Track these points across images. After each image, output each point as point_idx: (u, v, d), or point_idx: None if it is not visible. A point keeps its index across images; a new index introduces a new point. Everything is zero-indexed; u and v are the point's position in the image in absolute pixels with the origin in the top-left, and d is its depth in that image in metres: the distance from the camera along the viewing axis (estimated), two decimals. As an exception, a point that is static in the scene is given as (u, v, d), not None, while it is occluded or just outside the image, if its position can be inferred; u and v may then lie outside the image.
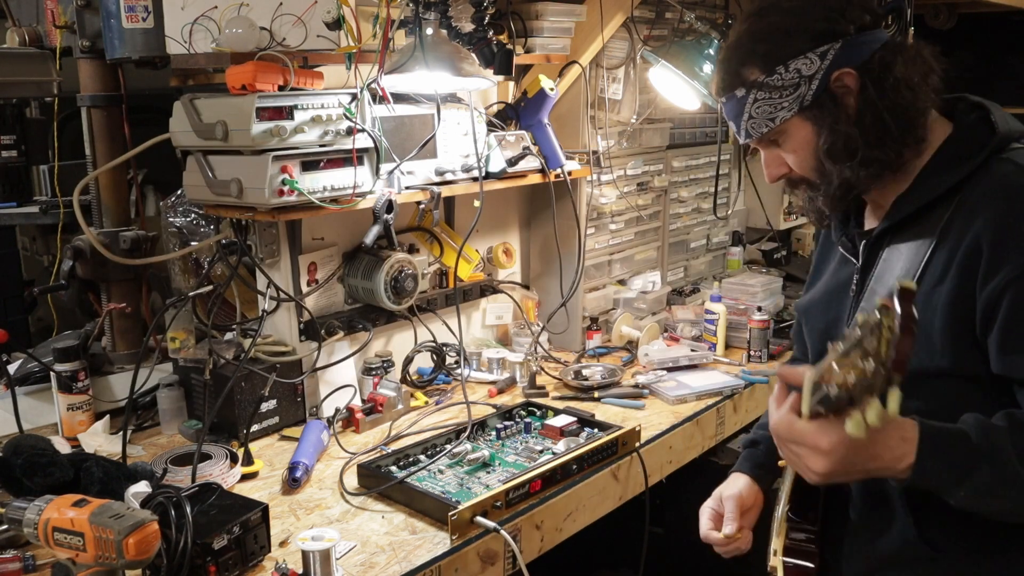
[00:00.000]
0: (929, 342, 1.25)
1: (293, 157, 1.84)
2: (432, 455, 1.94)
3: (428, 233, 2.44)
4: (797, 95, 1.31)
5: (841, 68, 1.30)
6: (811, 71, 1.30)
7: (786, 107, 1.33)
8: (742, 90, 1.35)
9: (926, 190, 1.31)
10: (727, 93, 1.38)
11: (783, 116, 1.33)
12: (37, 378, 2.30)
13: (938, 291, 1.25)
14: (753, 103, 1.34)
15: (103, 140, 2.20)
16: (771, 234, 3.67)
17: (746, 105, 1.35)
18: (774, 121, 1.34)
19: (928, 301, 1.25)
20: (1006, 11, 3.40)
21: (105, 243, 2.17)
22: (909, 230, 1.33)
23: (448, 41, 2.04)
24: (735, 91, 1.36)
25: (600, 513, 1.97)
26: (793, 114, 1.33)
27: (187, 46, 1.88)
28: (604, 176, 2.75)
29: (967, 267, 1.22)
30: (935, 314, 1.24)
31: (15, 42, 2.24)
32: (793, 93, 1.31)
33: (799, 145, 1.36)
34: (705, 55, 2.70)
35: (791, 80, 1.31)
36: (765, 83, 1.32)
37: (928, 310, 1.25)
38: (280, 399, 2.11)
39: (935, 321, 1.24)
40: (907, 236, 1.33)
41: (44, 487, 1.57)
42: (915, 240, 1.31)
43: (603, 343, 2.74)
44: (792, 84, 1.31)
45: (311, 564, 1.47)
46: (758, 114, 1.35)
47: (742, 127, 1.38)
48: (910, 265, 1.29)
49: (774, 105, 1.33)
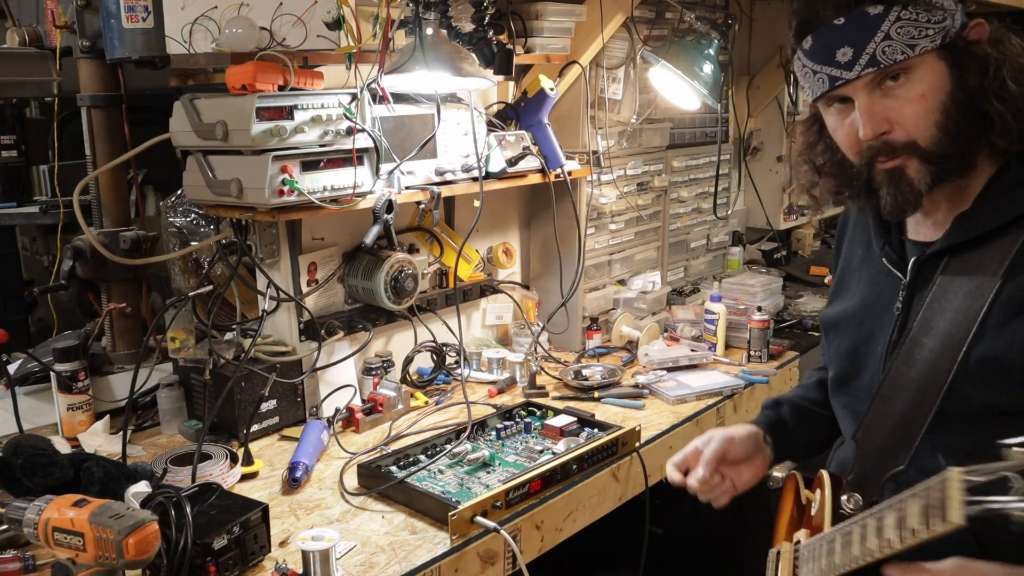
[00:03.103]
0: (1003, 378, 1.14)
1: (293, 157, 1.84)
2: (432, 455, 1.94)
3: (428, 233, 2.44)
4: (944, 26, 1.14)
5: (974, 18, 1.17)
6: (952, 8, 1.16)
7: (931, 36, 1.14)
8: (878, 7, 1.14)
9: (996, 211, 1.18)
10: (853, 10, 1.15)
11: (924, 46, 1.14)
12: (37, 378, 2.30)
13: (1019, 321, 1.13)
14: (895, 21, 1.13)
15: (103, 140, 2.20)
16: (771, 234, 3.68)
17: (884, 24, 1.14)
18: (914, 49, 1.14)
19: (1004, 330, 1.14)
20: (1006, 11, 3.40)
21: (105, 243, 2.17)
22: (971, 252, 1.19)
23: (448, 41, 2.04)
24: (865, 7, 1.15)
25: (600, 513, 1.97)
26: (935, 47, 1.15)
27: (187, 46, 1.88)
28: (604, 176, 2.75)
29: None
30: (1013, 347, 1.13)
31: (15, 42, 2.23)
32: (941, 22, 1.14)
33: (929, 89, 1.16)
34: (705, 55, 2.70)
35: (938, 5, 1.14)
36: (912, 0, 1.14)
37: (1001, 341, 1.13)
38: (280, 399, 2.11)
39: (1013, 355, 1.13)
40: (969, 259, 1.19)
41: (44, 487, 1.57)
42: (980, 265, 1.17)
43: (603, 343, 2.75)
44: (940, 10, 1.14)
45: (311, 564, 1.47)
46: (898, 36, 1.13)
47: (868, 52, 1.14)
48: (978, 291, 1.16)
49: (919, 29, 1.13)
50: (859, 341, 1.35)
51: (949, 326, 1.18)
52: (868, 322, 1.34)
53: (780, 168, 3.59)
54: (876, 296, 1.34)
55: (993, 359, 1.13)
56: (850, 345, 1.37)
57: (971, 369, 1.15)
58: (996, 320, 1.14)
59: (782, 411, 1.57)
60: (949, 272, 1.21)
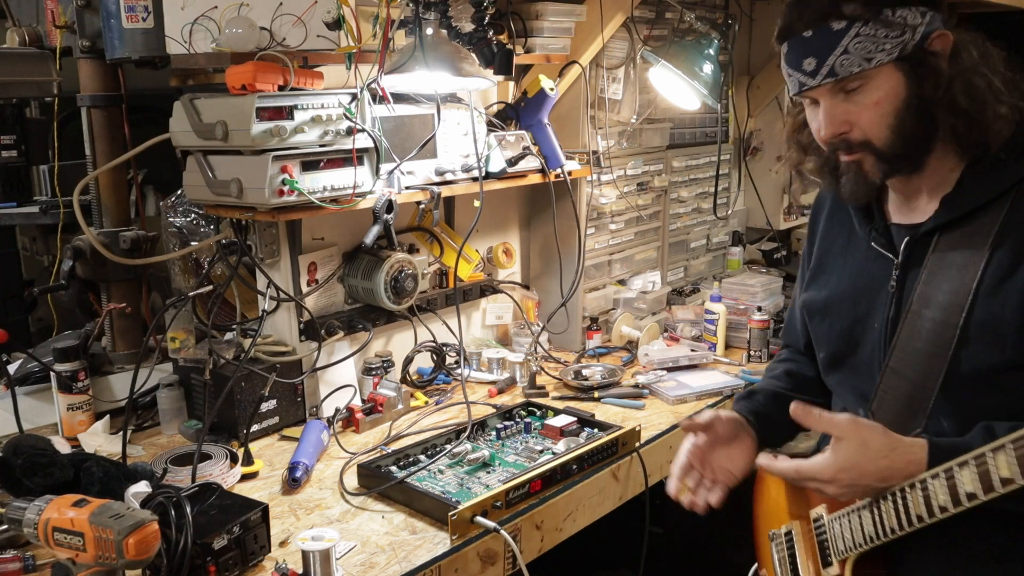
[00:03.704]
0: (999, 337, 1.24)
1: (293, 157, 1.84)
2: (432, 455, 1.94)
3: (428, 233, 2.44)
4: (901, 40, 1.25)
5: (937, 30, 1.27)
6: (915, 23, 1.26)
7: (887, 50, 1.25)
8: (841, 23, 1.25)
9: (979, 190, 1.29)
10: (819, 25, 1.27)
11: (880, 59, 1.26)
12: (37, 378, 2.30)
13: (1009, 288, 1.24)
14: (854, 37, 1.25)
15: (103, 140, 2.20)
16: (771, 234, 3.67)
17: (844, 39, 1.25)
18: (870, 62, 1.26)
19: (995, 296, 1.25)
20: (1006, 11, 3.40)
21: (105, 243, 2.17)
22: (959, 228, 1.30)
23: (448, 41, 2.04)
24: (830, 23, 1.26)
25: (600, 513, 1.97)
26: (891, 59, 1.26)
27: (187, 46, 1.88)
28: (604, 176, 2.75)
29: None
30: (1005, 309, 1.24)
31: (15, 42, 2.24)
32: (899, 37, 1.25)
33: (884, 97, 1.27)
34: (705, 55, 2.70)
35: (898, 23, 1.25)
36: (874, 18, 1.25)
37: (994, 306, 1.25)
38: (280, 399, 2.11)
39: (1005, 316, 1.24)
40: (959, 236, 1.30)
41: (44, 487, 1.57)
42: (968, 240, 1.28)
43: (603, 343, 2.75)
44: (899, 28, 1.25)
45: (311, 564, 1.47)
46: (855, 50, 1.25)
47: (828, 63, 1.27)
48: (968, 263, 1.27)
49: (876, 44, 1.25)
50: (854, 322, 1.43)
51: (947, 297, 1.28)
52: (862, 303, 1.42)
53: (780, 168, 3.58)
54: (867, 279, 1.42)
55: (988, 322, 1.24)
56: (845, 326, 1.45)
57: (971, 334, 1.26)
58: (988, 286, 1.25)
59: (758, 399, 1.63)
60: (940, 249, 1.32)
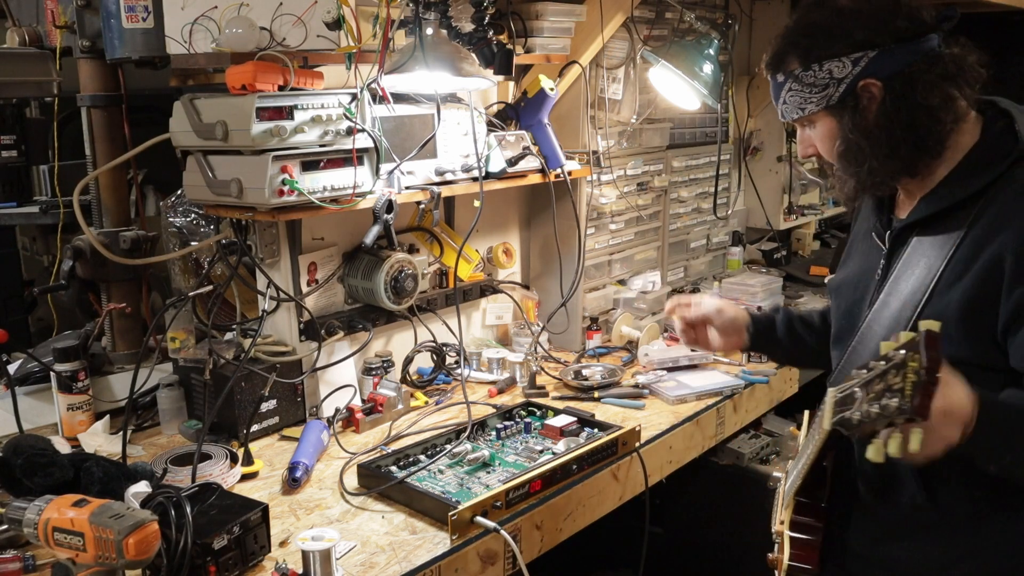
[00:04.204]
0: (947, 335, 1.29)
1: (293, 157, 1.84)
2: (432, 455, 1.94)
3: (428, 233, 2.44)
4: (825, 94, 1.41)
5: (869, 78, 1.37)
6: (842, 74, 1.39)
7: (814, 103, 1.42)
8: (781, 76, 1.45)
9: (950, 193, 1.39)
10: (771, 74, 1.48)
11: (811, 109, 1.44)
12: (37, 378, 2.30)
13: (957, 287, 1.34)
14: (788, 91, 1.44)
15: (103, 140, 2.20)
16: (771, 234, 3.67)
17: (782, 91, 1.46)
18: (803, 111, 1.45)
19: (944, 293, 1.35)
20: (1006, 11, 3.40)
21: (105, 243, 2.17)
22: (935, 226, 1.41)
23: (448, 41, 2.04)
24: (776, 76, 1.46)
25: (600, 513, 1.97)
26: (820, 109, 1.42)
27: (187, 46, 1.88)
28: (604, 176, 2.75)
29: (990, 271, 1.31)
30: (949, 307, 1.33)
31: (15, 42, 2.24)
32: (822, 92, 1.41)
33: (823, 136, 1.46)
34: (705, 55, 2.70)
35: (822, 79, 1.40)
36: (799, 76, 1.42)
37: (942, 303, 1.35)
38: (280, 399, 2.11)
39: (949, 313, 1.33)
40: (933, 232, 1.41)
41: (44, 487, 1.57)
42: (940, 236, 1.39)
43: (603, 343, 2.74)
44: (823, 83, 1.40)
45: (311, 564, 1.47)
46: (791, 101, 1.45)
47: (779, 108, 1.50)
48: (933, 260, 1.38)
49: (804, 98, 1.43)
50: (853, 303, 1.55)
51: (908, 290, 1.40)
52: (860, 287, 1.55)
53: (780, 168, 3.59)
54: (867, 264, 1.55)
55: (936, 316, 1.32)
56: (847, 307, 1.57)
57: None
58: (943, 284, 1.36)
59: (777, 315, 1.84)
60: (915, 244, 1.44)
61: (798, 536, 1.53)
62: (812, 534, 1.52)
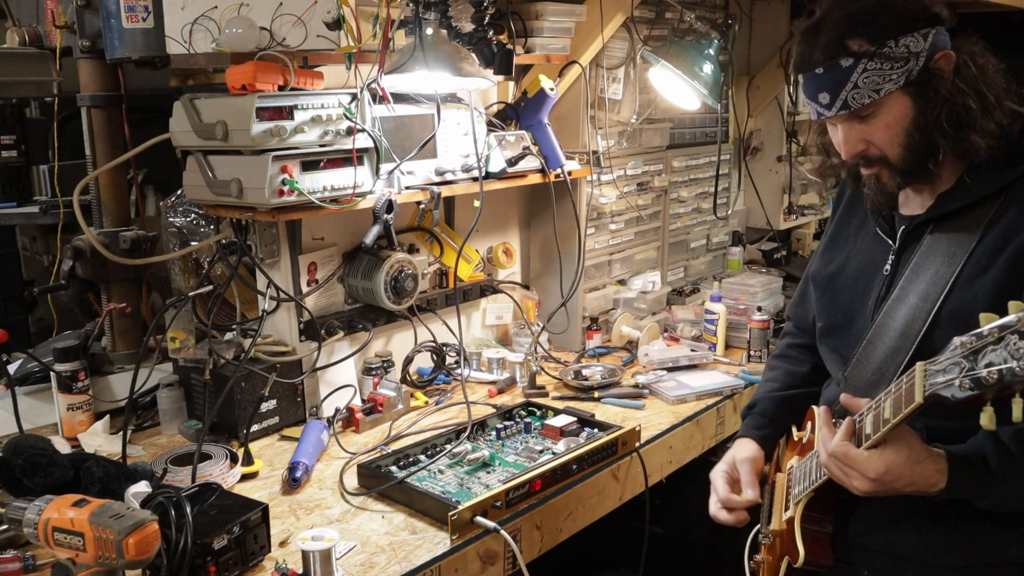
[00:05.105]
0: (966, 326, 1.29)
1: (293, 157, 1.84)
2: (432, 455, 1.94)
3: (428, 233, 2.44)
4: (906, 68, 1.36)
5: (941, 50, 1.37)
6: (918, 48, 1.36)
7: (894, 79, 1.36)
8: (849, 60, 1.36)
9: (971, 190, 1.41)
10: (828, 62, 1.38)
11: (888, 88, 1.37)
12: (37, 378, 2.30)
13: (982, 279, 1.36)
14: (862, 72, 1.36)
15: (103, 140, 2.20)
16: (771, 234, 3.68)
17: (852, 74, 1.36)
18: (879, 92, 1.37)
19: (968, 286, 1.37)
20: (1006, 11, 3.40)
21: (105, 243, 2.17)
22: (952, 223, 1.42)
23: (448, 41, 2.04)
24: (839, 60, 1.37)
25: (600, 513, 1.97)
26: (898, 87, 1.37)
27: (187, 46, 1.88)
28: (604, 176, 2.75)
29: (1020, 261, 1.33)
30: (976, 299, 1.35)
31: (15, 42, 2.24)
32: (903, 66, 1.36)
33: (894, 120, 1.39)
34: (705, 55, 2.70)
35: (902, 54, 1.36)
36: (878, 53, 1.35)
37: (966, 295, 1.36)
38: (280, 399, 2.11)
39: (976, 305, 1.32)
40: (950, 228, 1.42)
41: (44, 487, 1.57)
42: (958, 233, 1.41)
43: (603, 343, 2.75)
44: (903, 58, 1.36)
45: (311, 564, 1.47)
46: (864, 84, 1.36)
47: (841, 97, 1.38)
48: (953, 256, 1.40)
49: (883, 76, 1.36)
50: (853, 297, 1.56)
51: (927, 285, 1.41)
52: (862, 281, 1.55)
53: (780, 168, 3.59)
54: (869, 260, 1.56)
55: (958, 311, 1.36)
56: (845, 300, 1.58)
57: (942, 320, 1.38)
58: (965, 279, 1.37)
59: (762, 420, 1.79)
60: (931, 241, 1.44)
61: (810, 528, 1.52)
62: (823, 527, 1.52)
